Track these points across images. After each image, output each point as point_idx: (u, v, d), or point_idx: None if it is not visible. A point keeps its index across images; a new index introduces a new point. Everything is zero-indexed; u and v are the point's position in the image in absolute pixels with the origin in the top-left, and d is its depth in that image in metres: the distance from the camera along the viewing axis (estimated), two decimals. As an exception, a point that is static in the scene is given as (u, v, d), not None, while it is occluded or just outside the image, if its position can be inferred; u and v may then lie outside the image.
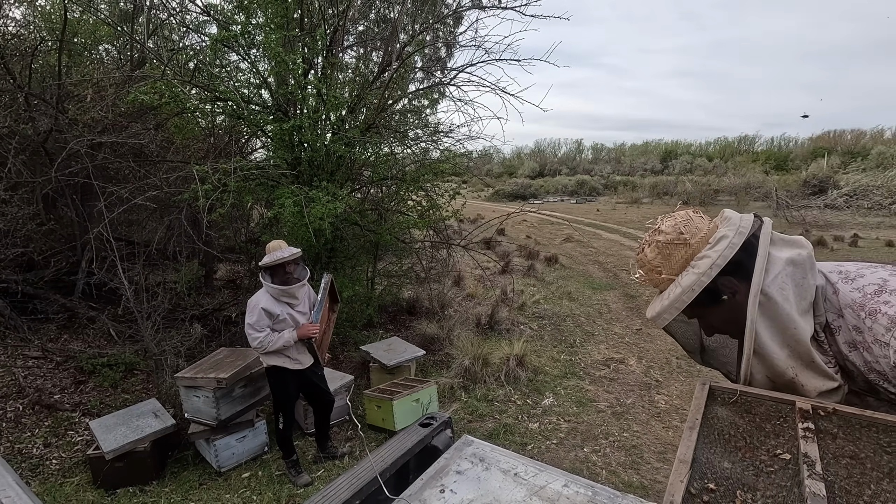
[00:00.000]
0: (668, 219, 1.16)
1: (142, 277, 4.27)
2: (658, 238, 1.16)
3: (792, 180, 21.31)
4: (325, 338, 3.27)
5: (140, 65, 4.90)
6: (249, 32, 4.06)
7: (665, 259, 1.15)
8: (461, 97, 5.88)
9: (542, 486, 1.06)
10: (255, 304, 2.85)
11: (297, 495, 2.98)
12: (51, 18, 5.14)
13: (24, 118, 4.34)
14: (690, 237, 1.12)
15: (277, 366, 2.97)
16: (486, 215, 12.25)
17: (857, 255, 10.71)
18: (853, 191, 18.69)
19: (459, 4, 5.37)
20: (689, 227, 1.12)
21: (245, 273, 6.06)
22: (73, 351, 4.33)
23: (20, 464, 3.22)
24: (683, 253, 1.12)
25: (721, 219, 1.14)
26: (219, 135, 5.23)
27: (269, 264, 2.84)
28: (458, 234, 7.61)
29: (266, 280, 2.88)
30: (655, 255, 1.16)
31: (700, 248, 1.11)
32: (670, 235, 1.13)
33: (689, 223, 1.13)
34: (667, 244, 1.14)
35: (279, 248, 2.89)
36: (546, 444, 3.46)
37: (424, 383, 3.70)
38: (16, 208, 4.27)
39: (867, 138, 32.78)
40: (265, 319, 2.85)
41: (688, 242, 1.12)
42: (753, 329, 1.06)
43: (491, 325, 5.67)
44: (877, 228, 14.56)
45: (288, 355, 2.97)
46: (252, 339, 2.84)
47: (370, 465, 1.73)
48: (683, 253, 1.12)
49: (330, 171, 4.40)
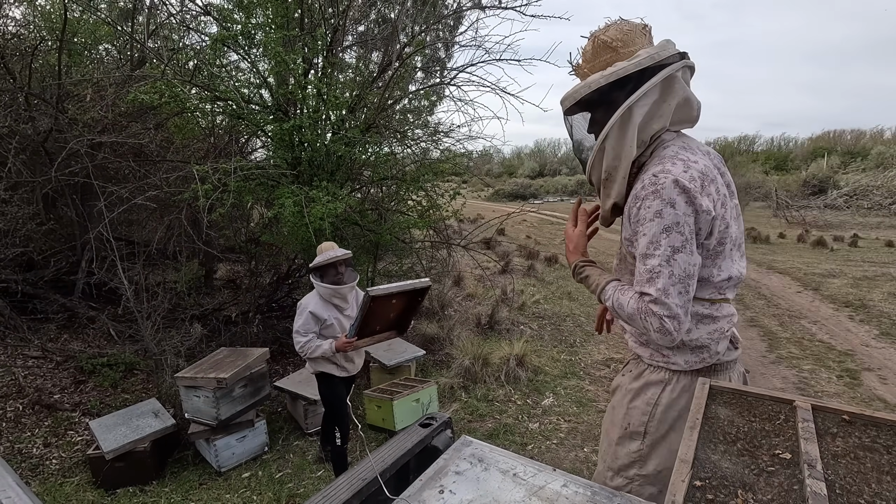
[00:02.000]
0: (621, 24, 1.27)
1: (142, 277, 4.27)
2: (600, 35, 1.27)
3: (792, 180, 21.32)
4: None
5: (140, 64, 4.90)
6: (249, 32, 4.06)
7: (594, 55, 1.27)
8: (461, 97, 5.90)
9: (541, 487, 1.06)
10: (304, 307, 2.79)
11: (297, 495, 2.98)
12: (51, 18, 5.14)
13: (24, 118, 4.34)
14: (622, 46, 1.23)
15: (326, 372, 2.87)
16: (486, 215, 12.25)
17: (856, 255, 10.71)
18: (853, 191, 18.69)
19: (459, 5, 5.37)
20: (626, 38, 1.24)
21: (245, 273, 6.06)
22: (73, 351, 4.33)
23: (20, 464, 3.22)
24: (609, 57, 1.24)
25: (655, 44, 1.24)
26: (219, 135, 5.22)
27: (322, 263, 2.77)
28: (458, 234, 7.60)
29: (317, 281, 2.82)
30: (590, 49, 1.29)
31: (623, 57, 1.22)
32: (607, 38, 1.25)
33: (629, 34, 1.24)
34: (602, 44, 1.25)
35: (331, 248, 2.84)
36: (546, 444, 3.46)
37: (425, 383, 3.70)
38: (16, 208, 4.27)
39: (867, 138, 32.77)
40: (311, 324, 2.77)
41: (617, 49, 1.23)
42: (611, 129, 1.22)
43: (491, 325, 5.67)
44: (876, 228, 14.55)
45: (335, 362, 2.87)
46: (296, 343, 2.79)
47: (370, 466, 1.73)
48: (609, 57, 1.24)
49: (330, 171, 4.40)
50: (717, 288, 1.28)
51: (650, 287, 1.17)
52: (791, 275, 8.82)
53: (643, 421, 1.34)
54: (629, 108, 1.18)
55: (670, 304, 1.15)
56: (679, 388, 1.32)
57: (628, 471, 1.37)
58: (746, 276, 9.14)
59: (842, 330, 5.81)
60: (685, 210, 1.14)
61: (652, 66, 1.17)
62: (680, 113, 1.23)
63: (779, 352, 5.18)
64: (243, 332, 4.71)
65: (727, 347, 1.33)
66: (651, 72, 1.17)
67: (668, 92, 1.19)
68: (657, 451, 1.33)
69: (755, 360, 5.00)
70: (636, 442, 1.36)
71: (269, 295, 5.55)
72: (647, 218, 1.18)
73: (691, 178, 1.15)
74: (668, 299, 1.15)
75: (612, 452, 1.42)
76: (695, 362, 1.30)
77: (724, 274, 1.26)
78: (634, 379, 1.40)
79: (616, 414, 1.43)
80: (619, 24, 1.26)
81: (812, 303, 7.04)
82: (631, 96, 1.17)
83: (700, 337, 1.28)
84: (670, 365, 1.32)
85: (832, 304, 6.89)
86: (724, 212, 1.21)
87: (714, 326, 1.28)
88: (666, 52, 1.19)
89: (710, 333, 1.28)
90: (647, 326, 1.20)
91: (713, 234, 1.20)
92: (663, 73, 1.17)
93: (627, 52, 1.22)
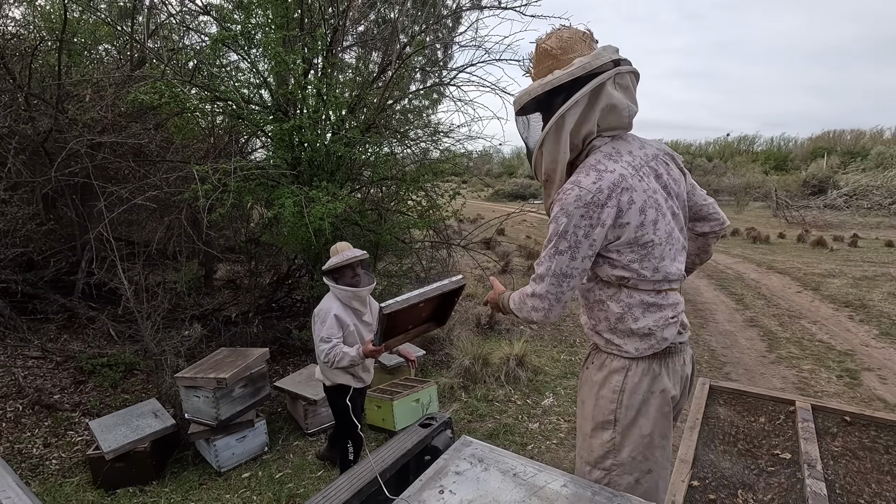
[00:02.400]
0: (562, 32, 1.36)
1: (142, 277, 4.27)
2: (541, 43, 1.37)
3: (791, 180, 21.32)
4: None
5: (140, 65, 4.89)
6: (249, 32, 4.06)
7: (538, 62, 1.37)
8: (461, 97, 5.90)
9: (541, 487, 1.06)
10: (327, 311, 2.56)
11: (297, 495, 2.98)
12: (51, 18, 5.13)
13: (23, 118, 4.34)
14: (562, 53, 1.32)
15: (343, 384, 2.73)
16: (486, 215, 12.24)
17: (856, 255, 10.71)
18: (853, 191, 18.69)
19: (459, 5, 5.37)
20: (566, 46, 1.32)
21: (245, 273, 6.06)
22: (73, 351, 4.33)
23: (20, 464, 3.22)
24: (550, 63, 1.33)
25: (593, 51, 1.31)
26: (219, 135, 5.22)
27: (339, 264, 2.60)
28: (458, 234, 7.60)
29: (332, 283, 2.64)
30: (534, 56, 1.39)
31: (563, 64, 1.30)
32: (548, 46, 1.35)
33: (568, 42, 1.33)
34: (543, 52, 1.35)
35: (346, 248, 2.68)
36: (546, 444, 3.46)
37: (424, 383, 3.70)
38: (16, 208, 4.27)
39: (867, 138, 32.73)
40: (336, 328, 2.55)
41: (557, 57, 1.32)
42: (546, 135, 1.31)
43: (491, 325, 5.67)
44: (876, 228, 14.56)
45: (353, 373, 2.74)
46: (321, 352, 2.52)
47: (370, 466, 1.73)
48: (550, 63, 1.33)
49: (330, 171, 4.40)
50: (657, 281, 1.34)
51: (534, 275, 1.38)
52: (791, 275, 8.82)
53: (612, 409, 1.39)
54: (561, 115, 1.27)
55: (540, 290, 1.35)
56: (639, 371, 1.37)
57: (604, 461, 1.41)
58: (747, 276, 9.14)
59: (842, 330, 5.81)
60: (577, 222, 1.26)
61: (583, 75, 1.24)
62: (608, 119, 1.30)
63: (779, 352, 5.18)
64: (243, 332, 4.71)
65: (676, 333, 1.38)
66: (583, 80, 1.24)
67: (594, 99, 1.26)
68: (629, 437, 1.37)
69: (755, 360, 5.00)
70: (608, 431, 1.40)
71: (269, 295, 5.55)
72: (551, 219, 1.33)
73: (597, 191, 1.25)
74: (541, 286, 1.35)
75: (587, 447, 1.46)
76: (644, 349, 1.36)
77: (658, 275, 1.33)
78: (598, 370, 1.46)
79: (586, 408, 1.48)
80: (559, 33, 1.35)
81: (812, 303, 7.04)
82: (563, 105, 1.26)
83: (647, 325, 1.34)
84: (623, 353, 1.38)
85: (832, 304, 6.89)
86: (643, 218, 1.28)
87: (660, 314, 1.35)
88: (599, 60, 1.25)
89: (656, 321, 1.35)
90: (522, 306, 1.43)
91: (623, 238, 1.29)
92: (593, 83, 1.23)
93: (566, 60, 1.30)
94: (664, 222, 1.31)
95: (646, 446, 1.36)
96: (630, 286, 1.34)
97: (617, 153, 1.31)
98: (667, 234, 1.32)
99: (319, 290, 4.46)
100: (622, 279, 1.34)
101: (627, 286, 1.35)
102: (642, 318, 1.34)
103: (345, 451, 2.81)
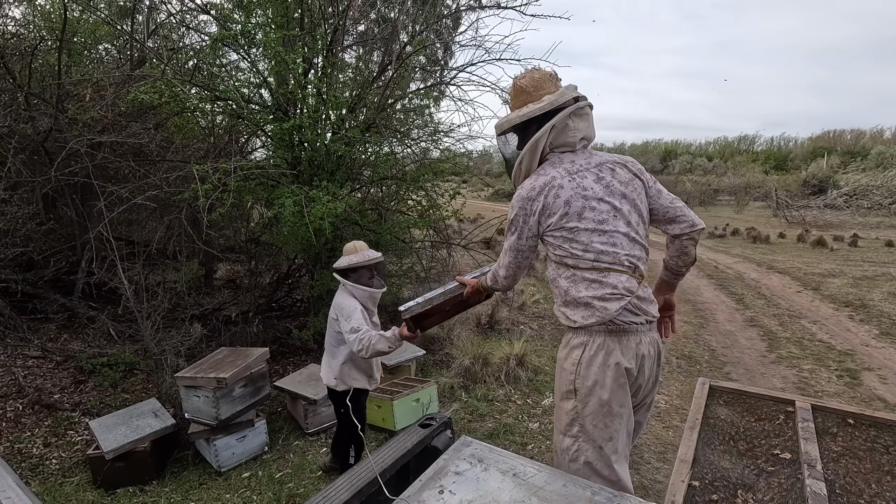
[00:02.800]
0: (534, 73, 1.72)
1: (142, 277, 4.27)
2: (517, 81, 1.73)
3: (792, 180, 21.30)
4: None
5: (140, 64, 4.89)
6: (249, 32, 4.06)
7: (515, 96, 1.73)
8: (461, 97, 5.89)
9: (540, 487, 1.06)
10: (353, 307, 2.53)
11: (297, 495, 2.98)
12: (50, 18, 5.13)
13: (23, 118, 4.34)
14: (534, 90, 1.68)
15: (359, 388, 2.70)
16: (486, 215, 12.24)
17: (856, 254, 10.71)
18: (853, 191, 18.67)
19: (459, 5, 5.37)
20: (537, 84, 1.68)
21: (245, 273, 6.06)
22: (73, 351, 4.32)
23: (20, 464, 3.22)
24: (524, 98, 1.69)
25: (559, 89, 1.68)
26: (219, 134, 5.22)
27: (362, 264, 2.56)
28: (458, 234, 7.60)
29: (352, 281, 2.60)
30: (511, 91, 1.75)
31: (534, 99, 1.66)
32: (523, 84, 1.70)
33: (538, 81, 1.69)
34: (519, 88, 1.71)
35: (364, 248, 2.63)
36: (546, 443, 3.46)
37: (425, 383, 3.70)
38: (16, 208, 4.27)
39: (867, 138, 32.71)
40: (363, 319, 2.52)
41: (530, 93, 1.68)
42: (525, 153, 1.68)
43: (491, 324, 5.67)
44: (876, 228, 14.55)
45: (369, 374, 2.74)
46: (354, 342, 2.45)
47: (370, 466, 1.73)
48: (524, 98, 1.69)
49: (330, 170, 4.40)
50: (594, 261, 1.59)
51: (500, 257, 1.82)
52: (791, 274, 8.82)
53: (571, 380, 1.60)
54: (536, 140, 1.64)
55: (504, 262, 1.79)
56: (595, 346, 1.58)
57: (571, 429, 1.61)
58: (747, 276, 9.13)
59: (842, 330, 5.81)
60: (517, 213, 1.66)
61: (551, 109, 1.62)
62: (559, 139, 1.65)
63: (779, 352, 5.18)
64: (243, 332, 4.71)
65: (621, 311, 1.56)
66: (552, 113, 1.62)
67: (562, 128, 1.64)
68: (589, 404, 1.57)
69: (755, 359, 5.00)
70: (571, 401, 1.61)
71: (269, 295, 5.55)
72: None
73: (531, 189, 1.62)
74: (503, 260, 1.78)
75: (558, 417, 1.68)
76: (587, 316, 1.58)
77: (589, 255, 1.59)
78: (563, 347, 1.68)
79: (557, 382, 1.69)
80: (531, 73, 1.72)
81: (812, 302, 7.04)
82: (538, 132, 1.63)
83: (583, 296, 1.59)
84: (572, 323, 1.62)
85: (832, 304, 6.89)
86: (567, 209, 1.59)
87: (599, 290, 1.58)
88: (563, 98, 1.62)
89: (594, 294, 1.58)
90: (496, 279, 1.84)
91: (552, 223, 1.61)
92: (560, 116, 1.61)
93: (538, 96, 1.67)
94: (594, 213, 1.59)
95: (605, 414, 1.55)
96: (572, 265, 1.61)
97: (559, 161, 1.65)
98: (597, 221, 1.59)
99: (319, 289, 4.46)
100: (561, 258, 1.63)
101: (569, 265, 1.62)
102: (584, 291, 1.59)
103: (346, 455, 2.83)
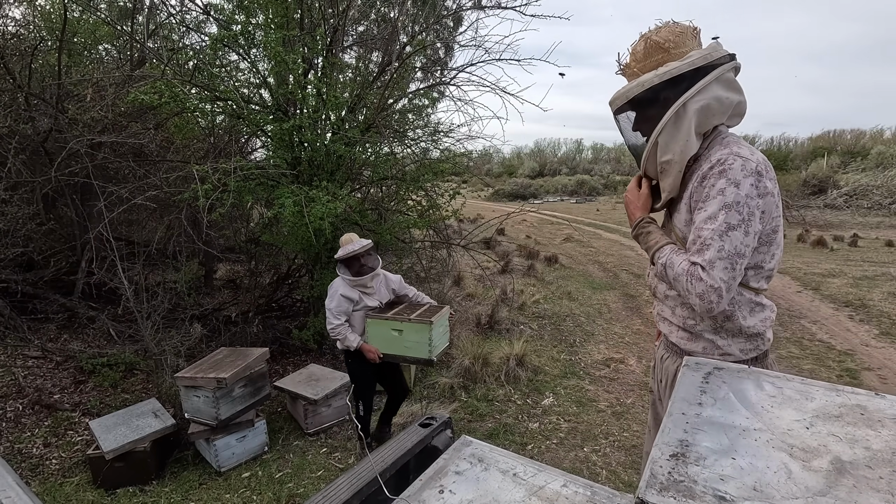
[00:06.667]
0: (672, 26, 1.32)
1: (142, 277, 4.27)
2: (651, 36, 1.32)
3: (792, 180, 21.28)
4: None
5: (140, 64, 4.89)
6: (249, 32, 4.06)
7: (646, 55, 1.32)
8: (461, 97, 5.88)
9: (541, 487, 1.06)
10: (335, 289, 3.03)
11: (297, 495, 2.98)
12: (51, 18, 5.14)
13: (24, 118, 4.34)
14: (674, 47, 1.29)
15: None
16: (486, 215, 12.25)
17: (856, 254, 10.71)
18: (853, 190, 18.67)
19: (459, 5, 5.37)
20: (678, 40, 1.29)
21: (245, 273, 6.06)
22: (73, 351, 4.33)
23: (20, 464, 3.22)
24: (661, 57, 1.29)
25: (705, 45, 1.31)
26: (219, 135, 5.22)
27: (342, 257, 3.01)
28: (458, 234, 7.60)
29: (341, 271, 3.06)
30: (642, 49, 1.33)
31: (675, 58, 1.28)
32: (660, 39, 1.30)
33: (680, 36, 1.30)
34: (654, 45, 1.31)
35: (350, 241, 3.02)
36: (546, 443, 3.46)
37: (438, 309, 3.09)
38: (16, 208, 4.27)
39: (867, 138, 32.70)
40: (344, 304, 3.01)
41: (669, 50, 1.29)
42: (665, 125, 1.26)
43: (491, 324, 5.67)
44: (876, 228, 14.55)
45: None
46: (328, 323, 3.03)
47: (370, 465, 1.73)
48: (661, 57, 1.29)
49: (330, 170, 4.40)
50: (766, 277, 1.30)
51: (699, 257, 1.22)
52: (791, 274, 8.81)
53: None
54: (683, 104, 1.23)
55: (715, 276, 1.19)
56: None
57: None
58: (746, 276, 9.16)
59: (842, 330, 5.81)
60: (748, 192, 1.17)
61: (705, 65, 1.23)
62: (737, 108, 1.29)
63: (779, 351, 5.18)
64: (243, 332, 4.72)
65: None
66: (704, 71, 1.23)
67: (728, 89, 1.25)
68: None
69: (755, 359, 5.00)
70: None
71: (269, 295, 5.55)
72: (710, 196, 1.21)
73: (759, 161, 1.20)
74: (714, 271, 1.19)
75: None
76: (749, 350, 1.31)
77: (773, 262, 1.29)
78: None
79: None
80: (671, 27, 1.32)
81: (812, 302, 7.04)
82: (685, 94, 1.22)
83: (755, 325, 1.29)
84: (726, 357, 1.30)
85: (832, 304, 6.89)
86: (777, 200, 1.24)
87: (764, 314, 1.31)
88: (718, 52, 1.25)
89: (763, 321, 1.30)
90: (689, 289, 1.23)
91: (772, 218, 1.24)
92: (717, 72, 1.22)
93: (679, 53, 1.28)
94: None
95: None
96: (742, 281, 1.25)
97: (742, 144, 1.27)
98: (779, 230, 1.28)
99: (320, 289, 4.46)
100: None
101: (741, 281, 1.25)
102: (750, 318, 1.28)
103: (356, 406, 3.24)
